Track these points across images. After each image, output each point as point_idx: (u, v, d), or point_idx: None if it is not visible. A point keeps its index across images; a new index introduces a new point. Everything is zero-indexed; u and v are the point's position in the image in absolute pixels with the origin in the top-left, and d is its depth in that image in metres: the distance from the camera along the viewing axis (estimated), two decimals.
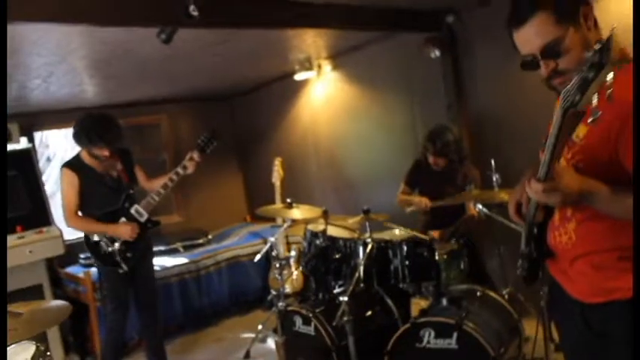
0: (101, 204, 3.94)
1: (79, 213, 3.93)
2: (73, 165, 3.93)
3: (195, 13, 3.17)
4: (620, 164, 1.49)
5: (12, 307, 2.45)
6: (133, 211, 3.97)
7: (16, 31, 3.25)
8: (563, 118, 1.42)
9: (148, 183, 4.18)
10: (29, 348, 2.42)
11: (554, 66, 1.56)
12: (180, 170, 3.94)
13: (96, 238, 3.92)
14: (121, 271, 3.89)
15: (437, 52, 4.71)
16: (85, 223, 3.94)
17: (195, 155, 3.95)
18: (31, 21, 2.95)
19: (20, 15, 2.82)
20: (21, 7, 2.79)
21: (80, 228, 4.00)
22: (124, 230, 3.88)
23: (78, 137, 3.80)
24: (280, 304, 3.67)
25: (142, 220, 3.98)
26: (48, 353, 2.45)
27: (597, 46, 1.32)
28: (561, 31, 1.54)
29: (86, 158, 3.91)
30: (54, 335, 4.89)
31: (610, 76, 1.42)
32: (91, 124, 3.78)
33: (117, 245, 3.90)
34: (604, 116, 1.51)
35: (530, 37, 1.59)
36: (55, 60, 4.16)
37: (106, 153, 3.81)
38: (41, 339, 2.65)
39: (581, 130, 1.58)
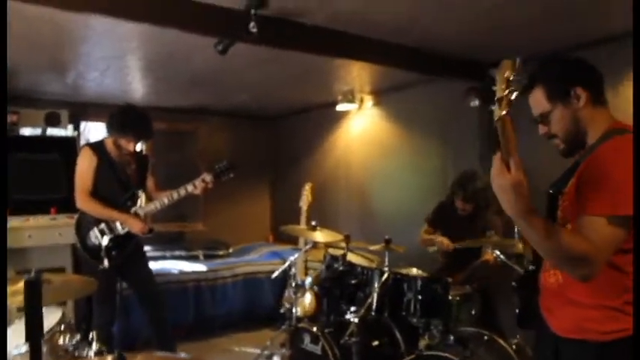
0: (107, 194, 3.98)
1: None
2: (95, 147, 4.03)
3: (254, 30, 3.36)
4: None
5: (45, 276, 2.60)
6: (132, 210, 4.01)
7: (88, 21, 3.48)
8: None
9: (155, 192, 4.23)
10: (56, 312, 2.56)
11: (546, 130, 1.95)
12: (189, 187, 3.97)
13: (87, 232, 3.96)
14: (100, 267, 3.77)
15: (476, 102, 4.83)
16: (97, 205, 3.93)
17: (208, 178, 3.97)
18: (92, 12, 3.12)
19: (81, 5, 3.04)
20: None
21: (91, 209, 3.96)
22: (135, 223, 3.94)
23: (111, 124, 3.94)
24: (292, 320, 3.74)
25: None
26: (71, 321, 2.58)
27: None
28: (550, 106, 1.89)
29: (109, 146, 4.01)
30: (69, 315, 5.02)
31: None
32: (127, 115, 3.93)
33: (105, 240, 3.89)
34: (581, 167, 1.83)
35: (532, 103, 1.98)
36: (116, 55, 4.38)
37: (131, 147, 3.95)
38: None
39: (571, 180, 1.87)
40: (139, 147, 4.17)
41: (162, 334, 4.26)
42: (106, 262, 3.80)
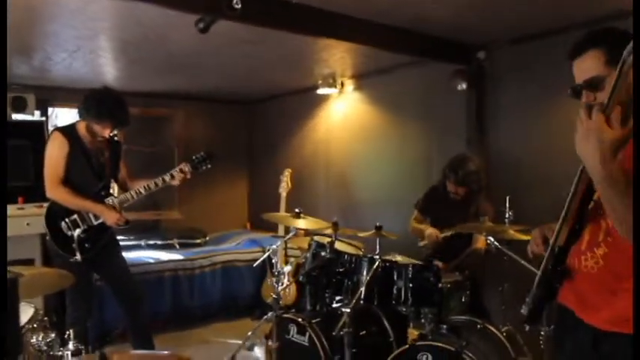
0: (79, 183, 3.73)
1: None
2: (67, 132, 3.73)
3: (238, 6, 3.18)
4: None
5: (14, 269, 2.41)
6: (106, 201, 3.78)
7: None
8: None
9: (129, 181, 4.03)
10: (28, 310, 2.37)
11: (592, 98, 1.70)
12: (166, 178, 3.80)
13: (59, 223, 3.72)
14: (72, 259, 3.58)
15: (463, 85, 4.72)
16: (69, 195, 3.66)
17: (187, 169, 3.83)
18: None
19: None
20: None
21: (62, 199, 3.69)
22: (110, 214, 3.70)
23: (86, 108, 3.66)
24: (278, 310, 3.60)
25: None
26: (45, 318, 2.40)
27: None
28: (607, 71, 1.67)
29: (81, 130, 3.74)
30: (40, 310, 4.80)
31: None
32: (105, 98, 3.67)
33: (77, 232, 3.65)
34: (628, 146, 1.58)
35: (581, 68, 1.77)
36: (87, 35, 4.15)
37: (107, 133, 3.71)
38: None
39: None
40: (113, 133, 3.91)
41: (138, 326, 4.08)
42: (78, 255, 3.59)
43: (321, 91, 6.10)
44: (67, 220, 3.71)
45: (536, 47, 4.40)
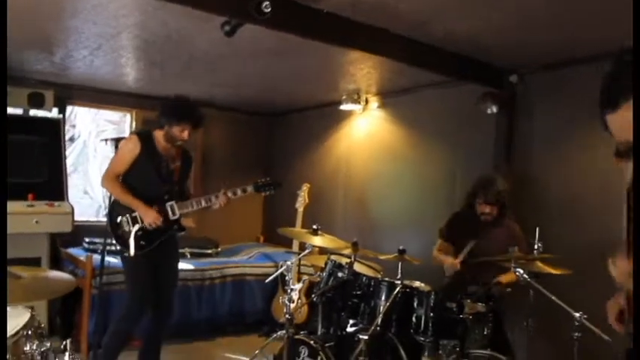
0: (144, 184, 3.90)
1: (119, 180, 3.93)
2: (143, 136, 3.93)
3: (268, 10, 3.06)
4: None
5: (13, 269, 2.26)
6: (167, 205, 3.91)
7: None
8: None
9: (189, 194, 4.23)
10: (24, 314, 2.21)
11: None
12: (229, 193, 3.98)
13: (119, 218, 3.89)
14: (125, 253, 3.79)
15: (494, 108, 4.53)
16: (119, 189, 3.88)
17: (250, 189, 4.06)
18: None
19: None
20: None
21: (112, 191, 3.92)
22: (148, 213, 3.81)
23: (165, 114, 3.88)
24: (288, 330, 3.41)
25: (172, 217, 3.93)
26: (42, 324, 2.24)
27: None
28: None
29: (158, 138, 3.92)
30: (41, 311, 4.62)
31: None
32: (179, 103, 3.93)
33: (136, 228, 3.81)
34: None
35: (625, 122, 1.15)
36: (109, 32, 4.03)
37: (186, 135, 3.86)
38: None
39: None
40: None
41: (156, 337, 4.15)
42: (132, 250, 3.74)
43: (344, 107, 5.95)
44: (127, 216, 3.86)
45: (571, 73, 4.22)
